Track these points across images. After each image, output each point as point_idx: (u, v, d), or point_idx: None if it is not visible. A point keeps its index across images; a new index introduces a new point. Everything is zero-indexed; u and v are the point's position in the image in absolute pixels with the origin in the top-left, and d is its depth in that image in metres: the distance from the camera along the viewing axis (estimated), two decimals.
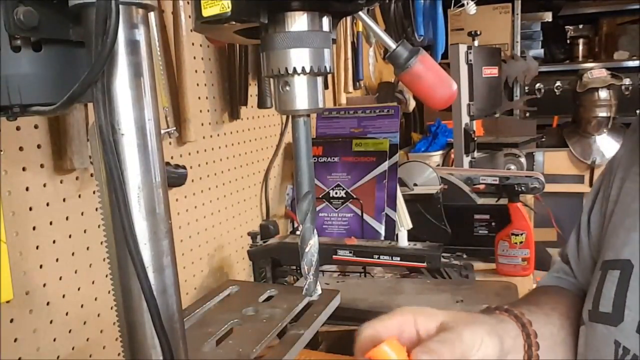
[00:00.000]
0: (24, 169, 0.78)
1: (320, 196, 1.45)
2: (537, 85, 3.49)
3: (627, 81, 3.19)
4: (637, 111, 3.13)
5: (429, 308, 0.49)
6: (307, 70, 0.40)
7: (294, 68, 0.40)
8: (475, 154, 2.11)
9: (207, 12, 0.38)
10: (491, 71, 2.26)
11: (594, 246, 0.62)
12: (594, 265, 0.61)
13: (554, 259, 0.72)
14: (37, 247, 0.80)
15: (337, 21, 0.44)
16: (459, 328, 0.46)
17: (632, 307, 0.49)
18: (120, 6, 0.38)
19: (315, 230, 0.43)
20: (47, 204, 0.82)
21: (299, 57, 0.40)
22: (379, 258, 1.16)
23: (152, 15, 0.99)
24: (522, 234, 1.33)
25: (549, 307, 0.60)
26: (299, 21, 0.40)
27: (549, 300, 0.63)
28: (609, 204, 0.58)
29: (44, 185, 0.82)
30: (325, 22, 0.42)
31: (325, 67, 0.41)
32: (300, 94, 0.41)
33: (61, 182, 0.85)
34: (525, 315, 0.53)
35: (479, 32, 2.33)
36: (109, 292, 0.45)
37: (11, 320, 0.76)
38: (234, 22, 0.38)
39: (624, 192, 0.56)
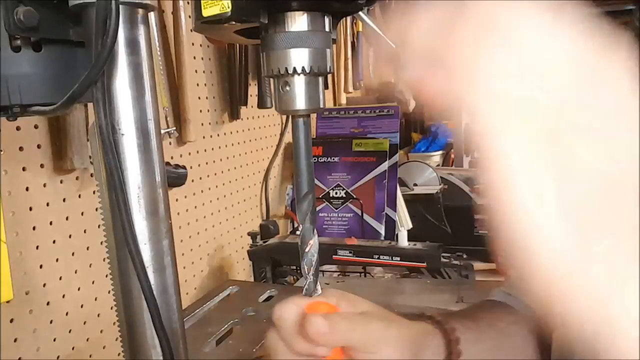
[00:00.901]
0: (24, 169, 0.78)
1: (320, 196, 1.45)
2: None
3: None
4: None
5: (354, 295, 0.48)
6: (307, 70, 0.40)
7: (294, 68, 0.39)
8: (476, 154, 2.11)
9: (207, 12, 0.38)
10: None
11: None
12: None
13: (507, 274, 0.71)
14: (37, 247, 0.80)
15: (337, 21, 0.44)
16: (372, 319, 0.44)
17: None
18: (120, 6, 0.38)
19: (315, 231, 0.43)
20: (47, 204, 0.82)
21: (299, 57, 0.40)
22: (379, 258, 1.16)
23: (152, 15, 0.99)
24: None
25: (486, 323, 0.58)
26: (299, 21, 0.40)
27: (489, 317, 0.61)
28: None
29: (44, 185, 0.82)
30: (326, 22, 0.42)
31: (325, 67, 0.41)
32: (300, 94, 0.41)
33: (61, 182, 0.85)
34: (455, 332, 0.51)
35: None
36: (109, 292, 0.45)
37: (11, 320, 0.76)
38: (234, 22, 0.38)
39: None
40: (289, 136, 1.63)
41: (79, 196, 0.88)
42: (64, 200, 0.85)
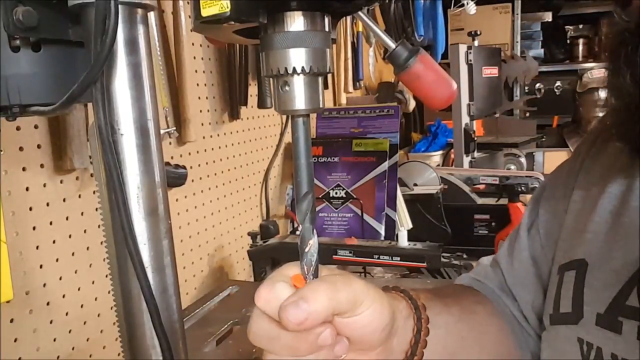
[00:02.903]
0: (24, 169, 0.78)
1: (320, 196, 1.45)
2: (537, 85, 3.48)
3: None
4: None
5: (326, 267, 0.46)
6: (307, 70, 0.39)
7: (294, 68, 0.39)
8: (475, 154, 2.11)
9: (206, 11, 0.37)
10: (491, 71, 2.25)
11: (548, 247, 0.60)
12: (532, 267, 0.60)
13: (479, 260, 0.70)
14: (37, 247, 0.80)
15: (337, 21, 0.44)
16: (351, 278, 0.43)
17: (589, 303, 0.48)
18: (120, 6, 0.38)
19: (315, 231, 0.43)
20: (47, 204, 0.82)
21: (299, 57, 0.39)
22: (379, 258, 1.16)
23: (152, 15, 0.99)
24: None
25: (451, 299, 0.58)
26: (298, 21, 0.40)
27: (454, 294, 0.61)
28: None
29: (44, 185, 0.82)
30: (325, 21, 0.42)
31: (325, 67, 0.41)
32: (300, 94, 0.40)
33: (61, 182, 0.85)
34: (420, 299, 0.50)
35: (479, 32, 2.32)
36: (109, 292, 0.46)
37: (11, 320, 0.76)
38: (233, 22, 0.38)
39: (573, 199, 0.56)
40: (289, 136, 1.63)
41: (79, 196, 0.88)
42: (64, 200, 0.85)
